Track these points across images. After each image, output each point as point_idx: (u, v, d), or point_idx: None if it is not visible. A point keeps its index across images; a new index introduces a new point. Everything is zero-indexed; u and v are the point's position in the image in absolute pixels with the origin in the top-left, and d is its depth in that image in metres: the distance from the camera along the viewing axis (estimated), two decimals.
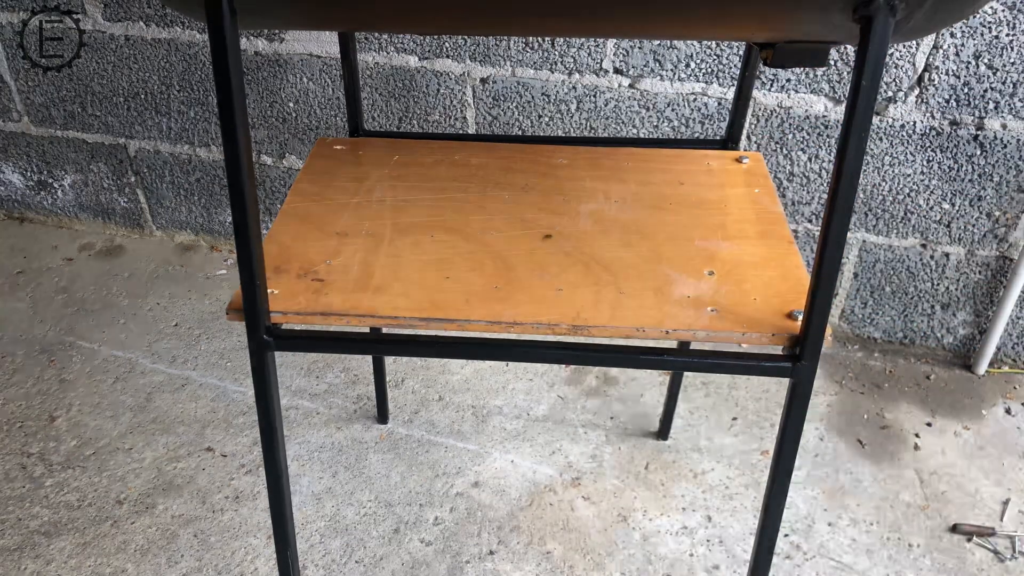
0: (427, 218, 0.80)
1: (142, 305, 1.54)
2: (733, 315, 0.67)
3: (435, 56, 1.35)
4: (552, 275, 0.71)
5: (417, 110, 1.41)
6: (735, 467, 1.20)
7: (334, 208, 0.81)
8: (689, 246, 0.76)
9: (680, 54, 1.24)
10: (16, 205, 1.78)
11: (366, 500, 1.15)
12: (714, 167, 0.90)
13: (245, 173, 0.59)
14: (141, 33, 1.45)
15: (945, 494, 1.17)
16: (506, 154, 0.91)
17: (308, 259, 0.73)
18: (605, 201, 0.83)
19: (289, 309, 0.68)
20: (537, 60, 1.30)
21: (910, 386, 1.36)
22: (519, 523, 1.12)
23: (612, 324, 0.66)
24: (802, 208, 1.34)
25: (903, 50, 1.16)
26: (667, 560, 1.07)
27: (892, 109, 1.21)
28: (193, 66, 1.47)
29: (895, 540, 1.11)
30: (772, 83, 1.24)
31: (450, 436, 1.25)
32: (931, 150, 1.23)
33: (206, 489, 1.16)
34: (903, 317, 1.40)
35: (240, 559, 1.07)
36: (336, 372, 1.37)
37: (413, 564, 1.06)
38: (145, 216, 1.71)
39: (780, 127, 1.27)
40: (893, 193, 1.28)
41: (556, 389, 1.34)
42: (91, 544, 1.08)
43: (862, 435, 1.27)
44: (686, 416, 1.29)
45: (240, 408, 1.30)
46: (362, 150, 0.92)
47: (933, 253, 1.32)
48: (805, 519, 1.13)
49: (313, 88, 1.44)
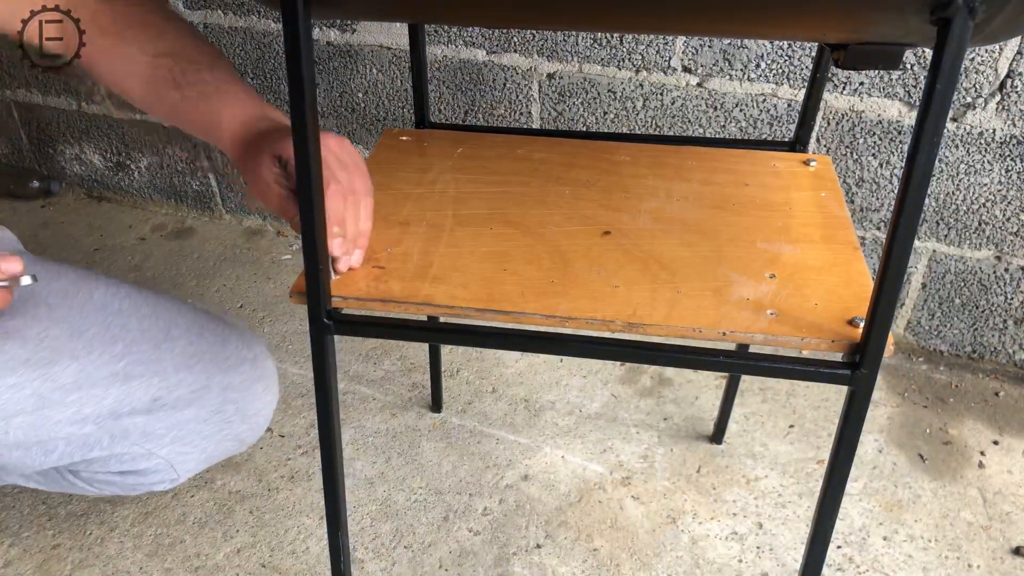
0: (487, 211, 0.80)
1: (209, 286, 1.58)
2: (793, 319, 0.66)
3: (502, 50, 1.35)
4: (609, 272, 0.71)
5: (483, 104, 1.42)
6: (789, 475, 1.18)
7: (398, 198, 0.83)
8: (751, 248, 0.75)
9: (751, 54, 1.22)
10: (96, 185, 1.85)
11: (417, 487, 1.17)
12: (780, 169, 0.88)
13: (313, 161, 0.60)
14: (219, 21, 1.49)
15: (1010, 515, 1.13)
16: (569, 150, 0.91)
17: (370, 246, 0.75)
18: (667, 199, 0.82)
19: (350, 294, 0.69)
20: (604, 56, 1.30)
21: (977, 402, 1.32)
22: (567, 518, 1.12)
23: (668, 323, 0.66)
24: (871, 215, 1.31)
25: (985, 55, 1.12)
26: (715, 564, 1.06)
27: (970, 116, 1.17)
28: (267, 54, 1.51)
29: (954, 559, 1.07)
30: (844, 86, 1.21)
31: (502, 428, 1.26)
32: (1011, 159, 1.19)
33: (263, 468, 1.19)
34: (972, 331, 1.36)
35: (293, 538, 1.10)
36: (393, 359, 1.39)
37: (461, 552, 1.08)
38: (215, 199, 1.76)
39: (851, 131, 1.24)
40: (967, 202, 1.24)
41: (610, 387, 1.34)
42: (152, 514, 1.12)
43: (923, 449, 1.23)
44: (741, 421, 1.27)
45: (299, 390, 1.33)
46: (427, 142, 0.93)
47: (1008, 266, 1.27)
48: (860, 532, 1.11)
49: (382, 79, 1.46)
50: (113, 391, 0.84)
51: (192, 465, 0.93)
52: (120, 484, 0.93)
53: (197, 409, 0.89)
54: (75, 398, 0.82)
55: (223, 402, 0.91)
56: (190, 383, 0.88)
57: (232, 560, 1.07)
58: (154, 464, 0.89)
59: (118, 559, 1.07)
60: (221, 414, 0.91)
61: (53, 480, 0.94)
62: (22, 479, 0.96)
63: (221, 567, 1.06)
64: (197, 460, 0.93)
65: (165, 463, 0.90)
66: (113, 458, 0.87)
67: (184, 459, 0.91)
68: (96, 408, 0.83)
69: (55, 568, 1.05)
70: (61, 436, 0.83)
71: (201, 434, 0.90)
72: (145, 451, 0.88)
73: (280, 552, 1.08)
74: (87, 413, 0.83)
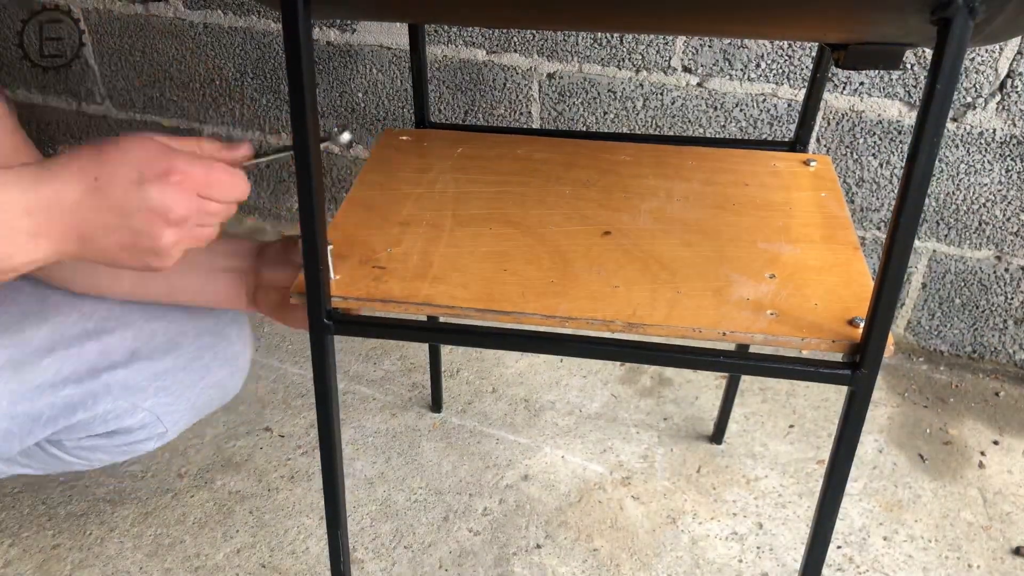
0: (487, 211, 0.80)
1: None
2: (793, 319, 0.66)
3: (503, 50, 1.35)
4: (609, 272, 0.71)
5: (483, 103, 1.42)
6: (789, 475, 1.18)
7: (397, 198, 0.82)
8: (751, 248, 0.75)
9: (751, 54, 1.22)
10: None
11: (417, 487, 1.17)
12: (780, 169, 0.88)
13: (313, 161, 0.60)
14: (219, 21, 1.49)
15: (1010, 515, 1.13)
16: (569, 150, 0.91)
17: (370, 247, 0.75)
18: (667, 199, 0.82)
19: (350, 294, 0.69)
20: (604, 56, 1.30)
21: (977, 402, 1.32)
22: (567, 518, 1.12)
23: (668, 323, 0.66)
24: (871, 215, 1.30)
25: (985, 55, 1.12)
26: (715, 565, 1.06)
27: (970, 116, 1.17)
28: (267, 54, 1.51)
29: (954, 560, 1.07)
30: (844, 86, 1.21)
31: (502, 428, 1.26)
32: (1011, 159, 1.19)
33: (263, 468, 1.19)
34: (972, 331, 1.36)
35: (293, 538, 1.10)
36: (393, 359, 1.39)
37: (460, 553, 1.08)
38: None
39: (851, 131, 1.24)
40: (967, 202, 1.24)
41: (610, 387, 1.34)
42: (152, 514, 1.12)
43: (924, 450, 1.23)
44: (741, 421, 1.27)
45: (299, 390, 1.33)
46: (427, 142, 0.93)
47: (1008, 266, 1.27)
48: (860, 532, 1.11)
49: (382, 79, 1.46)
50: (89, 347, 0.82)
51: (179, 416, 0.91)
52: (106, 448, 0.91)
53: (175, 357, 0.87)
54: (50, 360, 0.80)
55: (200, 348, 0.90)
56: (164, 331, 0.87)
57: (232, 560, 1.07)
58: (140, 419, 0.88)
59: (118, 559, 1.07)
60: (200, 360, 0.90)
61: (37, 458, 0.92)
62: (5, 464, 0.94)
63: (221, 567, 1.06)
64: (183, 411, 0.91)
65: (151, 416, 0.88)
66: (97, 419, 0.85)
67: (170, 410, 0.90)
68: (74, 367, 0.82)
69: (55, 568, 1.05)
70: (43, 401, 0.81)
71: (183, 383, 0.89)
72: (129, 404, 0.86)
73: (280, 552, 1.08)
74: (66, 374, 0.81)
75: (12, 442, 0.83)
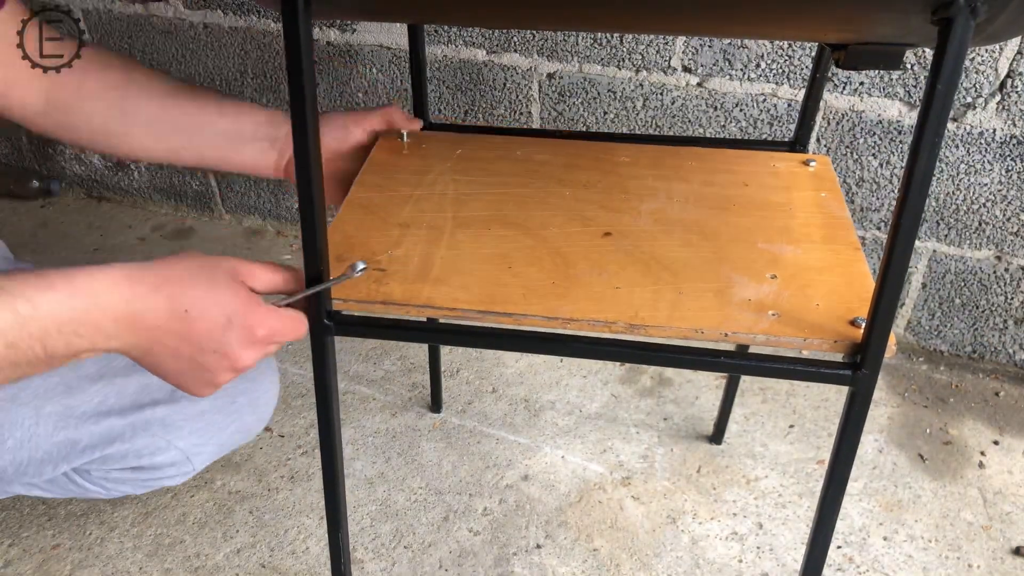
0: (487, 212, 0.80)
1: None
2: (794, 320, 0.66)
3: (503, 50, 1.35)
4: (611, 273, 0.71)
5: (483, 104, 1.42)
6: (789, 475, 1.18)
7: (397, 200, 0.82)
8: (752, 249, 0.75)
9: (751, 54, 1.22)
10: (95, 185, 1.85)
11: (417, 487, 1.17)
12: (780, 169, 0.88)
13: (313, 161, 0.60)
14: (219, 21, 1.49)
15: (1010, 515, 1.13)
16: (569, 151, 0.91)
17: (370, 249, 0.75)
18: (667, 200, 0.82)
19: (350, 296, 0.69)
20: (604, 56, 1.30)
21: (977, 402, 1.32)
22: (567, 519, 1.12)
23: (670, 324, 0.66)
24: (871, 215, 1.30)
25: (985, 55, 1.12)
26: (715, 565, 1.06)
27: (970, 116, 1.17)
28: (267, 54, 1.51)
29: (954, 560, 1.07)
30: (844, 86, 1.21)
31: (502, 428, 1.26)
32: (1011, 159, 1.19)
33: (263, 468, 1.19)
34: (972, 331, 1.36)
35: (293, 538, 1.10)
36: (393, 360, 1.39)
37: (461, 553, 1.08)
38: (215, 199, 1.76)
39: (851, 131, 1.24)
40: (967, 202, 1.24)
41: (610, 387, 1.34)
42: (152, 514, 1.12)
43: (924, 450, 1.23)
44: (742, 421, 1.27)
45: (299, 390, 1.33)
46: (426, 143, 0.93)
47: (1008, 266, 1.27)
48: (860, 532, 1.11)
49: (382, 79, 1.46)
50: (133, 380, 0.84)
51: (206, 457, 0.93)
52: (132, 481, 0.93)
53: (213, 400, 0.89)
54: (98, 387, 0.82)
55: (237, 392, 0.91)
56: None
57: (232, 560, 1.07)
58: (171, 457, 0.89)
59: (118, 559, 1.06)
60: (234, 404, 0.92)
61: (60, 484, 0.94)
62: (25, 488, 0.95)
63: (221, 567, 1.06)
64: (211, 452, 0.93)
65: (182, 455, 0.90)
66: (131, 453, 0.87)
67: (200, 451, 0.91)
68: (119, 399, 0.84)
69: (55, 568, 1.05)
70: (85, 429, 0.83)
71: (216, 425, 0.91)
72: (165, 442, 0.88)
73: (280, 552, 1.08)
74: (111, 404, 0.83)
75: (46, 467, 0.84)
